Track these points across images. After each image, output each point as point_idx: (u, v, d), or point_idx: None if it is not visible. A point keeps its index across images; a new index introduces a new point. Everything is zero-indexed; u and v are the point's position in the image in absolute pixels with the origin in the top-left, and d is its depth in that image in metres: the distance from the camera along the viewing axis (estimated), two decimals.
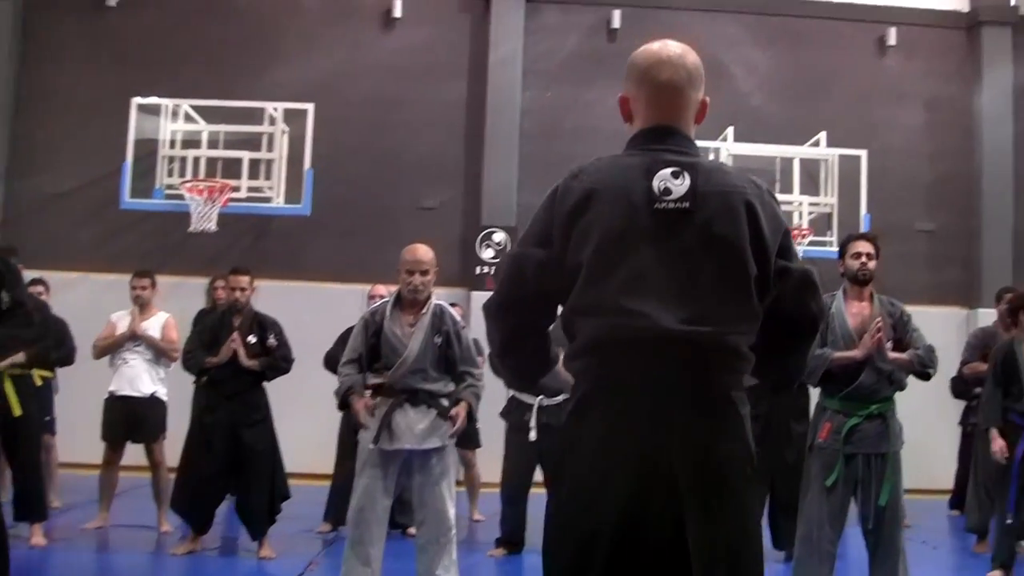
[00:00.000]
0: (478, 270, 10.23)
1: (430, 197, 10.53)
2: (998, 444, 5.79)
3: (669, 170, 2.15)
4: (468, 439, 7.19)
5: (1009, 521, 5.75)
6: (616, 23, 10.70)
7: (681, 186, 2.13)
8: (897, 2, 11.05)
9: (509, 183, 10.42)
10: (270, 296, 7.46)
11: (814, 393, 5.50)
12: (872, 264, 4.90)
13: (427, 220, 10.41)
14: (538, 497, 5.98)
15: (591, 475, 2.08)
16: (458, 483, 7.88)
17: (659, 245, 2.12)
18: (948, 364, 8.63)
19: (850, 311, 4.90)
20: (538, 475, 6.51)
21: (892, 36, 10.96)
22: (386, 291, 7.04)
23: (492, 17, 10.55)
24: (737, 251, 2.13)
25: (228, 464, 6.21)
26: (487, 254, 10.21)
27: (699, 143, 8.12)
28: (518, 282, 2.21)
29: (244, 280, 6.38)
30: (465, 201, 10.60)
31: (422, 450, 4.90)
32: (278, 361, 6.28)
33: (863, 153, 9.93)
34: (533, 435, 6.41)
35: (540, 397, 6.33)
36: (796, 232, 9.54)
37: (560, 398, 6.14)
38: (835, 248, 8.26)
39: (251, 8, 10.61)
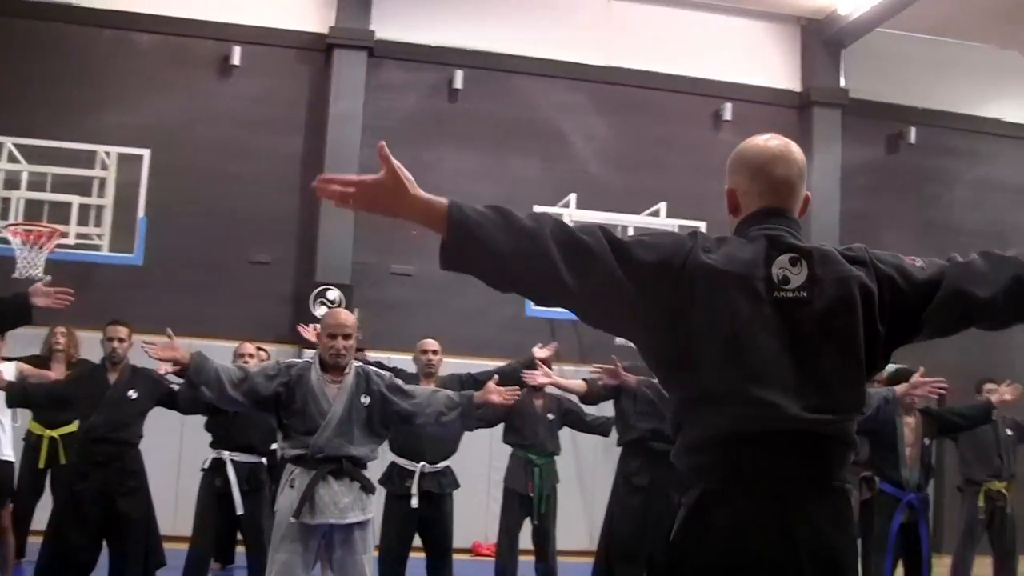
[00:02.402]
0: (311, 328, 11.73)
1: (263, 251, 12.41)
2: None
3: (787, 256, 2.58)
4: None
5: None
6: (458, 83, 13.01)
7: (799, 275, 2.56)
8: (733, 78, 13.82)
9: (345, 240, 12.22)
10: (93, 348, 8.19)
11: None
12: None
13: (259, 275, 12.10)
14: (415, 562, 7.54)
15: (716, 569, 2.50)
16: None
17: (780, 334, 2.53)
18: None
19: None
20: (416, 541, 7.58)
21: (728, 111, 13.58)
22: (253, 348, 8.28)
23: (333, 70, 12.64)
24: (853, 339, 2.57)
25: (100, 533, 7.02)
26: (321, 311, 11.76)
27: (539, 208, 10.70)
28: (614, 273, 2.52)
29: (123, 331, 7.26)
30: (299, 257, 12.55)
31: (344, 524, 5.57)
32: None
33: (702, 225, 11.88)
34: (415, 502, 7.39)
35: (422, 464, 7.43)
36: None
37: (441, 464, 7.50)
38: None
39: (85, 47, 12.41)
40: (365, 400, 5.64)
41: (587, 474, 11.88)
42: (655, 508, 7.54)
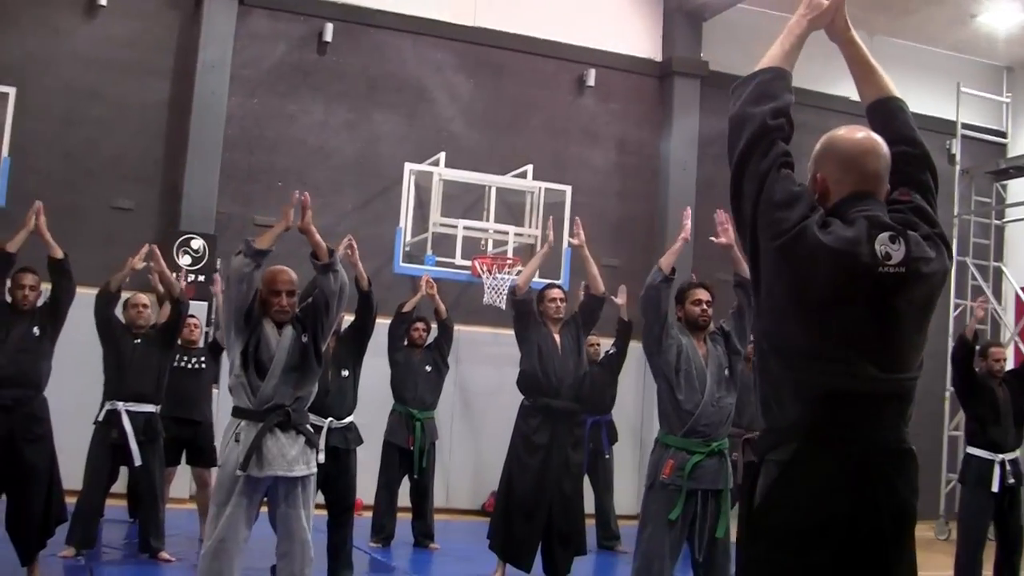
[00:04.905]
0: (174, 276, 11.88)
1: (126, 197, 12.44)
2: None
3: (887, 234, 2.85)
4: (205, 457, 8.98)
5: None
6: (328, 36, 13.18)
7: (899, 251, 2.84)
8: (596, 45, 14.41)
9: (210, 189, 12.39)
10: None
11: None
12: (711, 311, 6.47)
13: (121, 221, 12.21)
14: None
15: (811, 525, 2.79)
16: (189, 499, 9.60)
17: (875, 303, 2.82)
18: (626, 395, 11.47)
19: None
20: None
21: (591, 77, 14.22)
22: (147, 299, 8.61)
23: (203, 17, 12.62)
24: (928, 311, 2.94)
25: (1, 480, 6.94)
26: (184, 260, 12.04)
27: (409, 165, 11.12)
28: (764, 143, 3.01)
29: (33, 279, 7.24)
30: (162, 205, 12.63)
31: (290, 477, 5.74)
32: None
33: (568, 188, 12.44)
34: (321, 457, 7.21)
35: (330, 420, 7.57)
36: (503, 262, 11.96)
37: (347, 420, 7.71)
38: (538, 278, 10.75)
39: None
40: (305, 338, 5.87)
41: (443, 433, 12.37)
42: (554, 466, 7.85)
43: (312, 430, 6.04)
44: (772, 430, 2.95)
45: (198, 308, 11.13)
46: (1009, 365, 14.14)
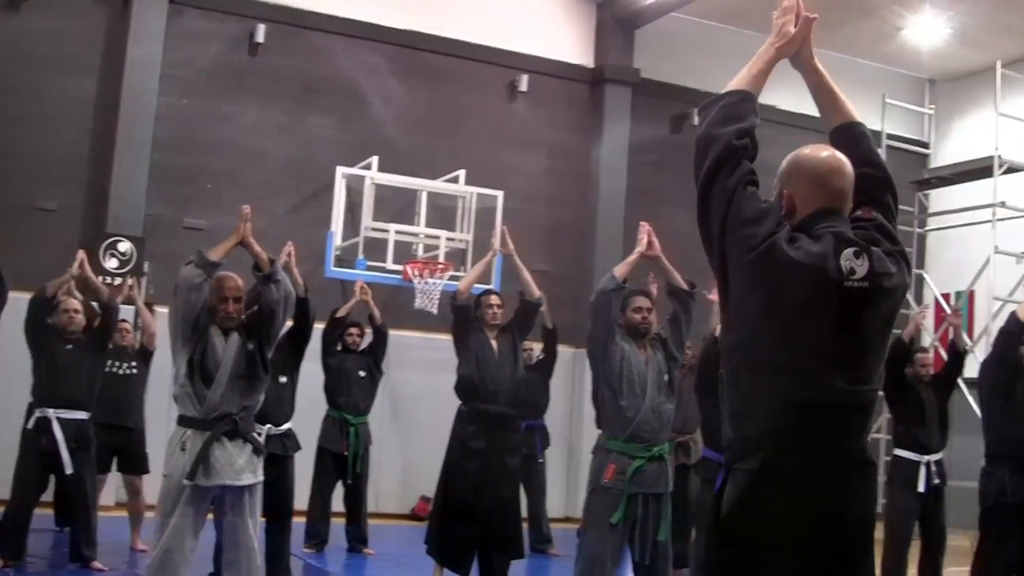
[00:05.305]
0: (101, 280, 11.63)
1: (49, 198, 12.10)
2: None
3: (851, 250, 2.95)
4: (137, 464, 8.94)
5: None
6: (260, 38, 13.01)
7: (862, 267, 2.94)
8: (529, 50, 14.43)
9: (138, 190, 12.16)
10: None
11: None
12: (652, 317, 6.58)
13: (44, 222, 11.91)
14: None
15: (779, 533, 2.88)
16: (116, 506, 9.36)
17: (840, 317, 2.93)
18: (555, 399, 11.43)
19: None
20: None
21: (524, 83, 14.29)
22: (79, 304, 8.36)
23: (132, 13, 12.36)
24: (889, 325, 3.06)
25: None
26: (111, 264, 11.75)
27: (341, 169, 11.04)
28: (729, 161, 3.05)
29: None
30: (88, 206, 12.33)
31: (237, 486, 5.71)
32: None
33: (500, 194, 12.44)
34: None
35: (268, 426, 7.44)
36: (435, 267, 11.87)
37: (285, 426, 7.71)
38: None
39: None
40: (251, 345, 5.85)
41: (373, 437, 12.30)
42: (491, 471, 7.81)
43: (258, 438, 6.01)
44: (741, 440, 3.02)
45: (130, 312, 10.82)
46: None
